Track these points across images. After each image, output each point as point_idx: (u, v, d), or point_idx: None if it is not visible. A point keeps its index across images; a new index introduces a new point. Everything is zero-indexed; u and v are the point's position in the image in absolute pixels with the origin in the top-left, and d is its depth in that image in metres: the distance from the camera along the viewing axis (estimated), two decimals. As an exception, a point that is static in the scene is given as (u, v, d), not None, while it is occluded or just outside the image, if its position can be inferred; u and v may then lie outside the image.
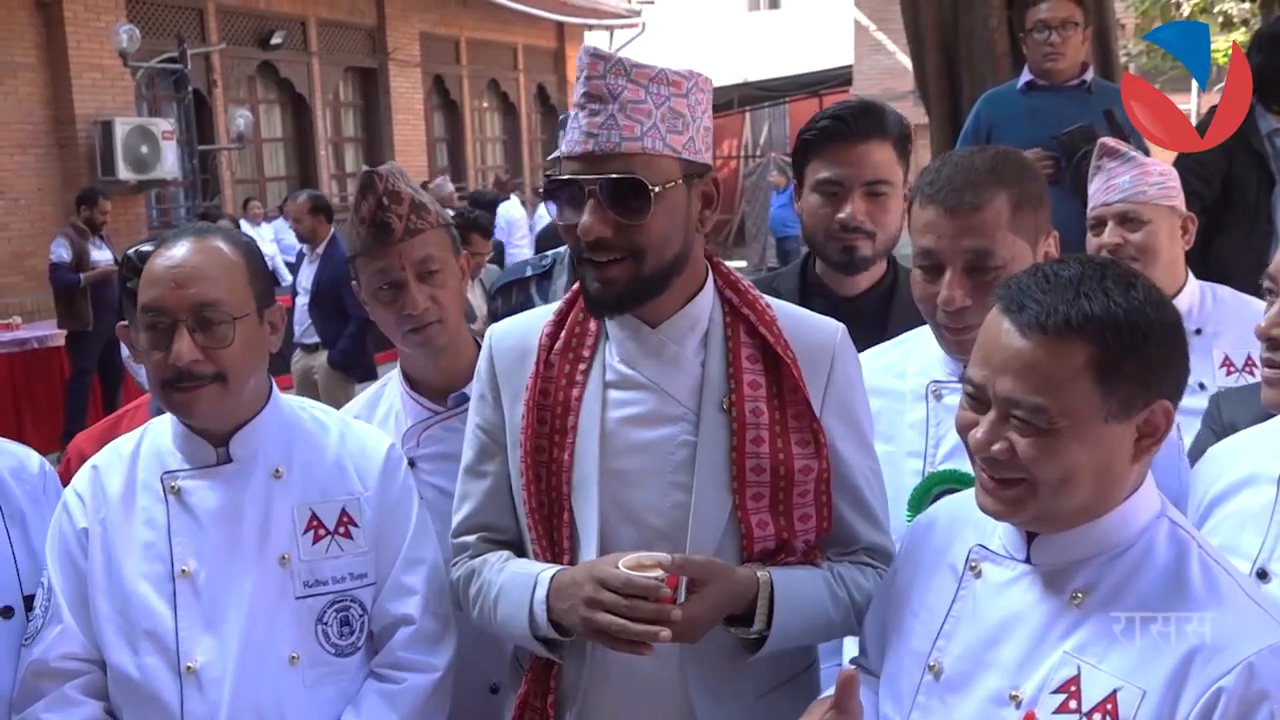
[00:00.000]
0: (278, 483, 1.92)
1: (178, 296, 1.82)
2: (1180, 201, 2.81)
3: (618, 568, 1.63)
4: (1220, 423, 2.03)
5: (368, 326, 7.07)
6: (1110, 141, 2.88)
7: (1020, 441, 1.39)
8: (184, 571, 1.85)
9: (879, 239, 2.46)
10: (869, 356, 2.15)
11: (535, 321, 1.89)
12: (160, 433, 1.98)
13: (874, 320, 2.49)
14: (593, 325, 1.83)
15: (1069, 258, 1.46)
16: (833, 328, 1.87)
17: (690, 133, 1.70)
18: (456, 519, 1.94)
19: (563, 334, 1.84)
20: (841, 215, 2.42)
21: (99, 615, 1.87)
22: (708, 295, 1.82)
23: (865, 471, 1.86)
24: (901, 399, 2.07)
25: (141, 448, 1.97)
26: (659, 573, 1.61)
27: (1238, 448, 1.80)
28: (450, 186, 14.55)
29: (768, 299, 1.86)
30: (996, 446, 1.41)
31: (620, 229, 1.68)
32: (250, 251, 1.95)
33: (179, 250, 1.86)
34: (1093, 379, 1.35)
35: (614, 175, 1.66)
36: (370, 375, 7.59)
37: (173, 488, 1.90)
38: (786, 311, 1.87)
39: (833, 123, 2.45)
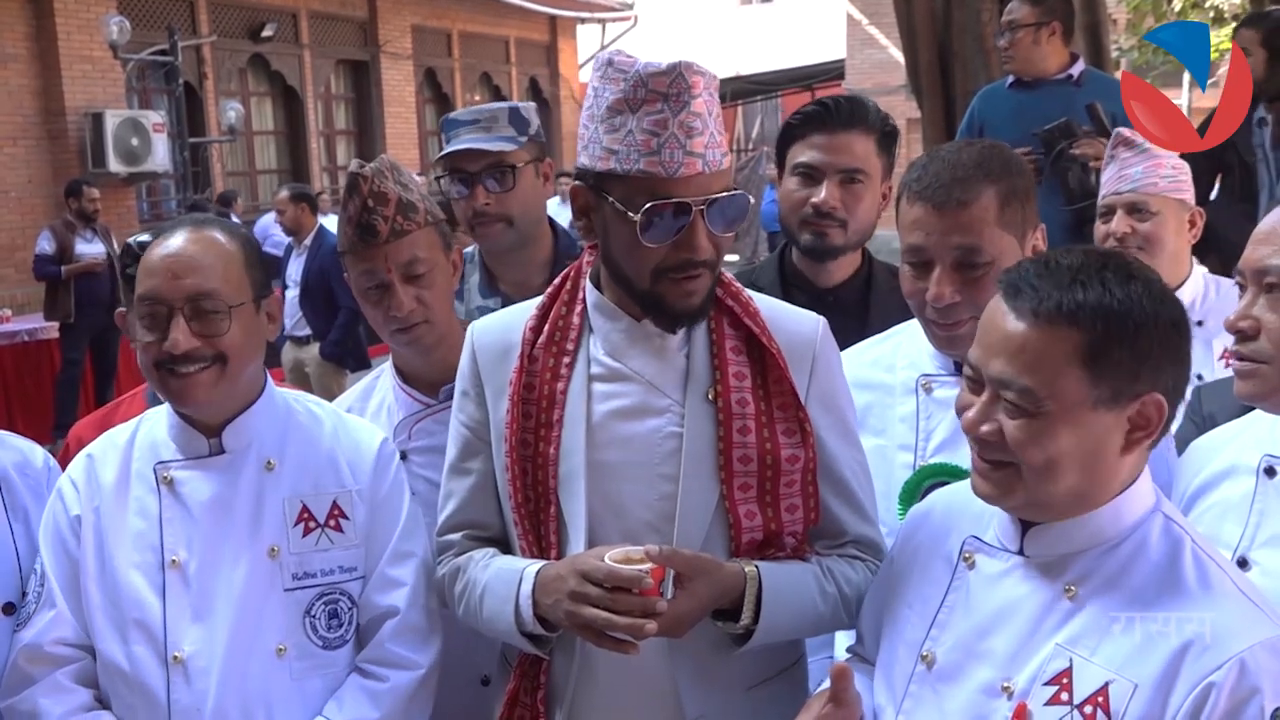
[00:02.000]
0: (269, 474, 1.92)
1: (173, 286, 1.84)
2: (1190, 195, 2.84)
3: (603, 560, 1.63)
4: (1201, 414, 2.05)
5: (358, 316, 7.07)
6: (1125, 131, 2.90)
7: (1009, 424, 1.41)
8: (174, 561, 1.86)
9: (851, 228, 2.49)
10: (858, 351, 2.16)
11: (517, 317, 1.89)
12: (155, 424, 1.98)
13: (853, 311, 2.51)
14: (576, 319, 1.83)
15: (1075, 248, 1.47)
16: (814, 321, 1.88)
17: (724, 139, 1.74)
18: (441, 517, 1.94)
19: (546, 328, 1.83)
20: (815, 200, 2.46)
21: (90, 603, 1.87)
22: None
23: (851, 463, 1.86)
24: (891, 393, 2.08)
25: (137, 438, 1.97)
26: (646, 565, 1.61)
27: (1219, 440, 1.81)
28: (419, 180, 14.49)
29: (750, 293, 1.87)
30: (986, 428, 1.44)
31: (715, 243, 1.72)
32: (248, 241, 1.96)
33: (175, 240, 1.88)
34: (1081, 365, 1.37)
35: (722, 194, 1.69)
36: (364, 364, 7.58)
37: (165, 478, 1.90)
38: (768, 305, 1.88)
39: (818, 109, 2.50)
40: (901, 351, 2.11)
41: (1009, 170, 1.93)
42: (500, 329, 1.90)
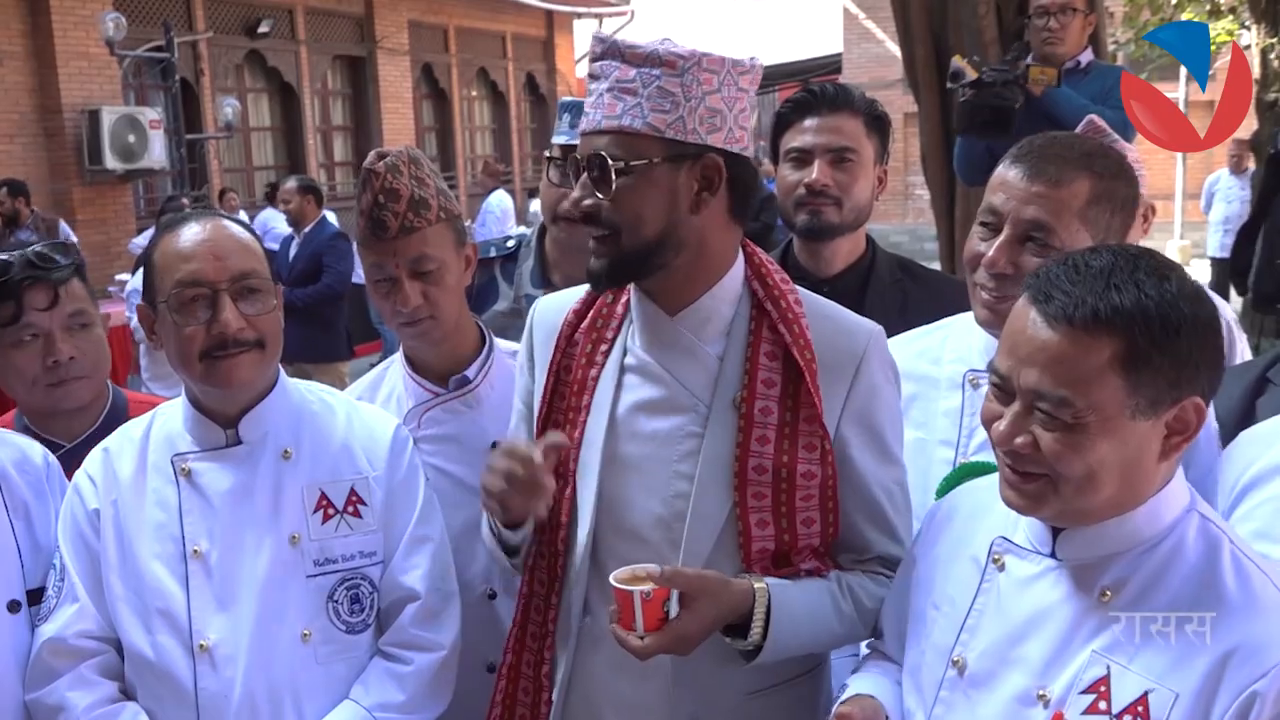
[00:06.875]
0: (287, 463, 1.94)
1: (217, 268, 1.85)
2: (1145, 189, 2.87)
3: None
4: None
5: (340, 299, 7.09)
6: (1098, 120, 2.92)
7: (1045, 436, 1.36)
8: (196, 551, 1.88)
9: (846, 206, 2.53)
10: (904, 340, 2.11)
11: (572, 298, 1.92)
12: (170, 417, 2.00)
13: (848, 302, 2.51)
14: (619, 308, 1.85)
15: (1102, 247, 1.42)
16: (865, 332, 1.81)
17: (680, 113, 1.67)
18: None
19: (590, 313, 1.87)
20: (807, 180, 2.51)
21: (113, 595, 1.89)
22: (730, 288, 1.80)
23: (885, 482, 1.81)
24: (936, 385, 2.04)
25: (152, 431, 1.98)
26: (648, 586, 1.61)
27: (1270, 432, 1.71)
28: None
29: (803, 293, 1.83)
30: (1019, 440, 1.38)
31: (601, 204, 1.71)
32: (253, 232, 2.00)
33: (201, 228, 1.89)
34: (1120, 373, 1.31)
35: (587, 152, 1.70)
36: (345, 355, 7.47)
37: (183, 469, 1.92)
38: (822, 310, 1.83)
39: (805, 95, 2.59)
40: (949, 345, 2.07)
41: (1116, 175, 1.88)
42: (557, 309, 1.94)
